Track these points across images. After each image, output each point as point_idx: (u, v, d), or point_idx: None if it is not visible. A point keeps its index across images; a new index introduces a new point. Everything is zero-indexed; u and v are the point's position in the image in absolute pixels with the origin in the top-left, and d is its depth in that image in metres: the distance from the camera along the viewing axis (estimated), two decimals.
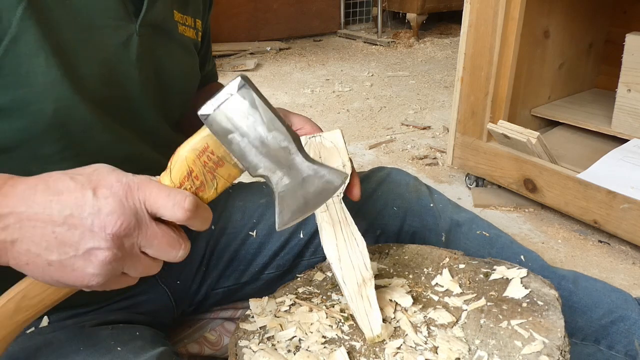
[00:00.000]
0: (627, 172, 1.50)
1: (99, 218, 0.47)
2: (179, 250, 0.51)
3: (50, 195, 0.48)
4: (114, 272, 0.49)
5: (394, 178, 0.96)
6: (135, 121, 0.72)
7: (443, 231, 0.91)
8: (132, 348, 0.67)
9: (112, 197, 0.48)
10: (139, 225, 0.49)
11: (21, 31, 0.58)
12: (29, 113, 0.60)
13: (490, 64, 1.68)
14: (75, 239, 0.47)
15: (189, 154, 0.51)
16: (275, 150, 0.51)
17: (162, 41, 0.75)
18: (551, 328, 0.60)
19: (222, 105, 0.49)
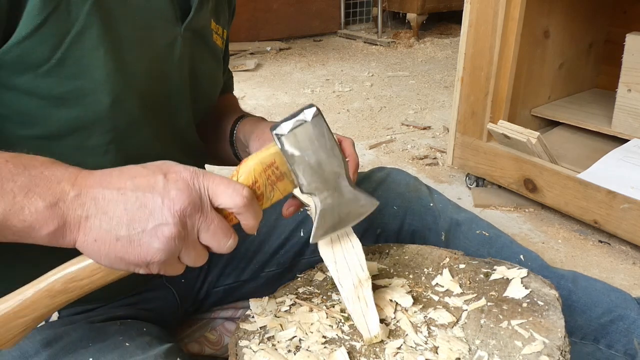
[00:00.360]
0: (627, 172, 1.50)
1: (168, 197, 0.51)
2: (229, 239, 0.55)
3: (124, 178, 0.53)
4: (175, 250, 0.52)
5: (394, 178, 0.96)
6: (171, 120, 0.75)
7: (443, 231, 0.91)
8: (140, 344, 0.68)
9: (181, 180, 0.53)
10: (201, 208, 0.53)
11: (87, 25, 0.61)
12: (86, 103, 0.63)
13: (490, 64, 1.68)
14: (145, 216, 0.51)
15: (257, 166, 0.57)
16: (328, 173, 0.58)
17: (198, 46, 0.78)
18: (551, 328, 0.60)
19: (296, 129, 0.56)
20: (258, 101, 2.92)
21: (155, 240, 0.51)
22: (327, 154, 0.57)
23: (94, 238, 0.51)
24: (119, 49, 0.64)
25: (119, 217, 0.51)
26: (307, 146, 0.56)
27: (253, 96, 3.00)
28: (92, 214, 0.51)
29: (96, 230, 0.51)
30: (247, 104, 2.85)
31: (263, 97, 2.99)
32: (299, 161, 0.56)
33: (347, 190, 0.60)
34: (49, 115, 0.62)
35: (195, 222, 0.53)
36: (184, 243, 0.52)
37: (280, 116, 2.67)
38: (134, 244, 0.51)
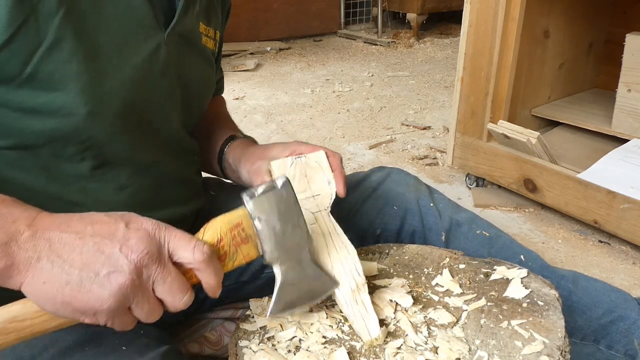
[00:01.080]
0: (627, 172, 1.50)
1: (127, 245, 0.51)
2: (185, 294, 0.54)
3: (84, 223, 0.52)
4: (125, 300, 0.51)
5: (394, 178, 0.96)
6: (157, 127, 0.74)
7: (443, 230, 0.91)
8: (137, 347, 0.67)
9: (142, 230, 0.52)
10: (159, 260, 0.52)
11: (58, 38, 0.60)
12: (60, 115, 0.62)
13: (490, 64, 1.68)
14: (100, 261, 0.50)
15: (225, 225, 0.57)
16: (291, 244, 0.59)
17: (186, 51, 0.77)
18: (551, 328, 0.60)
19: (266, 194, 0.58)
20: (258, 101, 2.92)
21: (106, 287, 0.49)
22: (293, 224, 0.59)
23: (43, 280, 0.50)
24: (95, 60, 0.63)
25: (72, 261, 0.50)
26: (274, 212, 0.58)
27: (253, 96, 3.00)
28: (44, 255, 0.50)
29: (47, 272, 0.50)
30: (247, 104, 2.86)
31: (263, 97, 2.99)
32: (264, 225, 0.57)
33: (310, 266, 0.61)
34: (23, 127, 0.62)
35: (152, 274, 0.51)
36: (137, 294, 0.51)
37: (280, 116, 2.68)
38: (84, 289, 0.49)
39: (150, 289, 0.52)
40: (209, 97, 0.89)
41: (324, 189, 0.74)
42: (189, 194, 0.83)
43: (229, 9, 0.94)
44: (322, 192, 0.74)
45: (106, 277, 0.50)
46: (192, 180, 0.85)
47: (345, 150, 2.27)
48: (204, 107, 0.88)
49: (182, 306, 0.54)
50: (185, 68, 0.77)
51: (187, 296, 0.54)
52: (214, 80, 0.90)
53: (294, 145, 0.80)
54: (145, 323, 0.76)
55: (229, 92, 3.03)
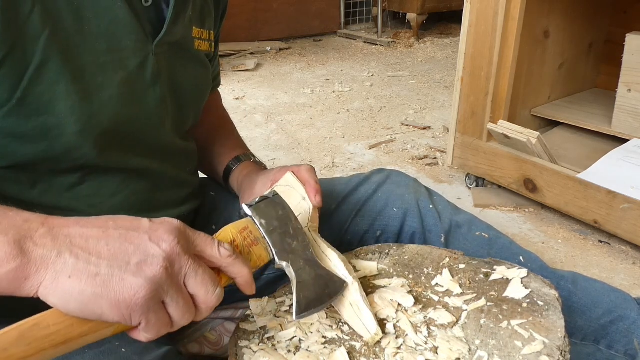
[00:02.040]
0: (627, 172, 1.50)
1: (156, 235, 0.48)
2: (217, 287, 0.52)
3: (104, 219, 0.49)
4: (161, 290, 0.47)
5: (394, 179, 0.96)
6: (149, 136, 0.74)
7: (443, 232, 0.91)
8: (136, 349, 0.67)
9: (169, 223, 0.50)
10: (188, 251, 0.50)
11: (44, 61, 0.59)
12: (52, 137, 0.62)
13: (490, 64, 1.68)
14: (130, 252, 0.47)
15: (233, 228, 0.60)
16: (296, 246, 0.62)
17: (177, 58, 0.76)
18: (551, 328, 0.60)
19: (261, 202, 0.63)
20: (258, 101, 2.92)
21: (140, 276, 0.45)
22: (292, 227, 0.62)
23: (68, 274, 0.44)
24: (82, 79, 0.62)
25: (99, 253, 0.46)
26: (273, 215, 0.61)
27: (253, 96, 3.00)
28: (65, 249, 0.45)
29: (71, 266, 0.45)
30: (247, 104, 2.85)
31: (263, 97, 2.99)
32: (268, 226, 0.60)
33: (318, 266, 0.63)
34: (16, 151, 0.61)
35: (184, 265, 0.48)
36: (172, 285, 0.47)
37: (280, 116, 2.68)
38: (115, 279, 0.45)
39: (182, 282, 0.49)
40: (205, 99, 0.89)
41: (301, 206, 0.75)
42: (185, 194, 0.83)
43: (225, 7, 0.94)
44: (301, 211, 0.74)
45: (139, 266, 0.46)
46: (187, 181, 0.85)
47: (345, 150, 2.27)
48: (200, 110, 0.88)
49: (214, 300, 0.51)
50: (177, 75, 0.76)
51: (219, 289, 0.52)
52: (209, 82, 0.90)
53: (273, 174, 0.80)
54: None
55: (229, 92, 3.03)
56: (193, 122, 0.86)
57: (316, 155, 2.23)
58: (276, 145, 2.33)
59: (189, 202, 0.84)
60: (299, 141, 2.37)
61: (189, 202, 0.84)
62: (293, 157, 2.20)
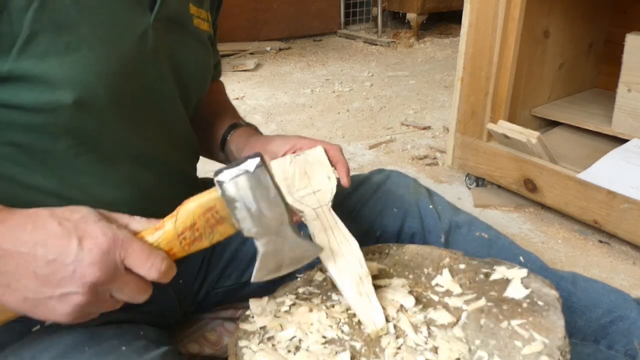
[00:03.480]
0: (627, 172, 1.50)
1: (81, 267, 0.51)
2: (144, 294, 0.56)
3: (37, 236, 0.52)
4: (84, 314, 0.54)
5: (394, 180, 0.96)
6: (153, 116, 0.73)
7: (442, 232, 0.91)
8: (136, 348, 0.67)
9: (96, 248, 0.52)
10: (114, 277, 0.53)
11: (33, 32, 0.59)
12: (47, 110, 0.61)
13: (490, 64, 1.68)
14: (55, 282, 0.51)
15: (197, 209, 0.57)
16: (269, 220, 0.58)
17: (177, 34, 0.75)
18: (551, 328, 0.60)
19: (238, 177, 0.56)
20: (258, 101, 2.92)
21: (63, 306, 0.52)
22: (269, 203, 0.58)
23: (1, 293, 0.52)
24: (77, 52, 0.62)
25: (28, 280, 0.51)
26: (247, 194, 0.57)
27: (253, 96, 3.00)
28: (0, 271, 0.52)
29: (2, 288, 0.52)
30: (247, 104, 2.85)
31: (263, 97, 2.99)
32: (239, 208, 0.57)
33: (291, 236, 0.61)
34: (11, 123, 0.61)
35: (108, 289, 0.54)
36: (95, 305, 0.54)
37: (280, 116, 2.67)
38: (41, 306, 0.52)
39: (108, 298, 0.54)
40: (208, 80, 0.88)
41: (324, 184, 0.75)
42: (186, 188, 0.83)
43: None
44: (323, 188, 0.74)
45: (63, 297, 0.52)
46: (189, 175, 0.85)
47: (345, 150, 2.27)
48: (203, 91, 0.86)
49: (142, 302, 0.56)
50: (178, 52, 0.75)
51: (146, 295, 0.56)
52: (211, 63, 0.88)
53: (294, 140, 0.80)
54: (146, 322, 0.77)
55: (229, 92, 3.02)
56: (196, 104, 0.84)
57: None
58: None
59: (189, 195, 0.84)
60: None
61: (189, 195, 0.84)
62: None
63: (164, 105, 0.74)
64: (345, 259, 0.66)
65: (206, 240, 0.59)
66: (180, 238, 0.57)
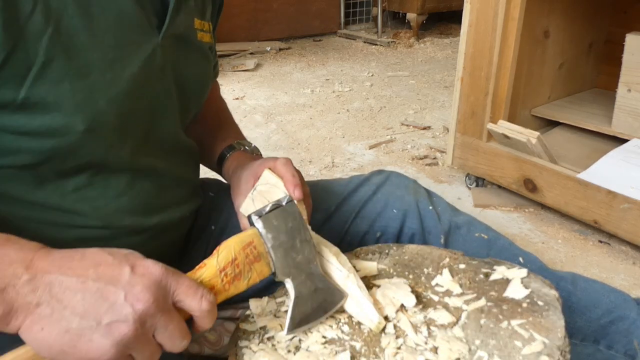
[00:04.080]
0: (627, 172, 1.50)
1: (132, 293, 0.49)
2: (185, 340, 0.53)
3: (87, 265, 0.50)
4: (126, 350, 0.49)
5: (393, 181, 0.96)
6: (156, 131, 0.73)
7: (442, 233, 0.91)
8: None
9: (149, 275, 0.50)
10: (163, 309, 0.50)
11: (49, 59, 0.58)
12: (57, 135, 0.61)
13: (490, 64, 1.68)
14: (103, 310, 0.48)
15: (237, 244, 0.59)
16: (301, 258, 0.62)
17: (182, 50, 0.75)
18: (551, 328, 0.60)
19: (272, 212, 0.61)
20: (258, 101, 2.92)
21: (108, 337, 0.48)
22: (300, 238, 0.61)
23: (41, 327, 0.48)
24: (88, 77, 0.61)
25: (74, 307, 0.48)
26: (282, 229, 0.61)
27: (253, 96, 3.00)
28: (44, 301, 0.48)
29: (45, 318, 0.47)
30: (247, 104, 2.86)
31: (263, 97, 2.99)
32: (274, 242, 0.60)
33: (320, 279, 0.63)
34: (21, 148, 0.61)
35: (155, 323, 0.50)
36: (139, 343, 0.49)
37: (280, 116, 2.68)
38: (84, 339, 0.47)
39: (151, 335, 0.51)
40: (207, 92, 0.88)
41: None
42: (187, 194, 0.83)
43: (222, 1, 0.93)
44: None
45: (108, 327, 0.48)
46: (190, 181, 0.85)
47: (345, 150, 2.27)
48: (202, 103, 0.87)
49: (180, 350, 0.53)
50: (181, 68, 0.76)
51: (186, 341, 0.53)
52: (211, 74, 0.89)
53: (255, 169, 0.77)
54: None
55: (229, 92, 3.03)
56: (194, 116, 0.85)
57: (316, 155, 2.23)
58: (276, 145, 2.33)
59: (191, 202, 0.84)
60: (299, 141, 2.37)
61: (191, 202, 0.84)
62: (293, 157, 2.20)
63: (166, 120, 0.75)
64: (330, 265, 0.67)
65: (244, 280, 0.59)
66: (222, 275, 0.58)
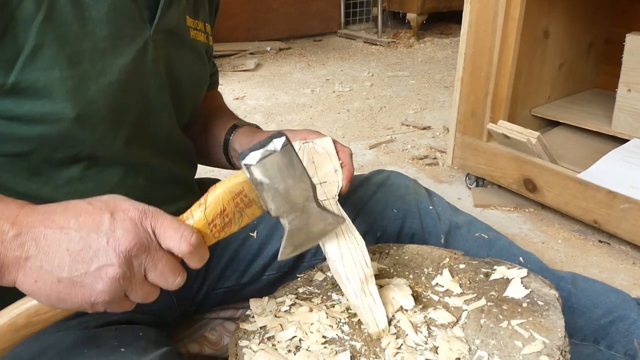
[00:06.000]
0: (627, 172, 1.50)
1: (114, 237, 0.50)
2: (177, 276, 0.54)
3: (68, 216, 0.51)
4: (119, 291, 0.51)
5: (394, 181, 0.96)
6: (150, 126, 0.74)
7: (442, 233, 0.91)
8: (135, 349, 0.67)
9: (129, 220, 0.51)
10: (148, 248, 0.51)
11: (38, 44, 0.59)
12: (48, 122, 0.62)
13: (490, 64, 1.68)
14: (89, 257, 0.50)
15: (226, 195, 0.57)
16: (295, 198, 0.59)
17: (174, 46, 0.76)
18: (551, 328, 0.60)
19: (265, 159, 0.56)
20: (258, 101, 2.92)
21: (98, 282, 0.50)
22: (295, 180, 0.58)
23: (34, 279, 0.50)
24: (80, 64, 0.62)
25: (61, 258, 0.50)
26: (276, 175, 0.57)
27: (253, 96, 3.00)
28: (32, 254, 0.50)
29: (36, 271, 0.50)
30: (247, 104, 2.85)
31: (263, 97, 2.99)
32: (267, 189, 0.57)
33: (315, 210, 0.61)
34: (12, 134, 0.62)
35: (142, 262, 0.51)
36: (130, 283, 0.51)
37: (280, 116, 2.67)
38: (77, 286, 0.50)
39: (142, 276, 0.52)
40: (202, 91, 0.88)
41: (331, 176, 0.73)
42: (182, 191, 0.83)
43: (218, 4, 0.94)
44: (329, 180, 0.73)
45: (97, 272, 0.50)
46: (185, 179, 0.85)
47: None
48: (198, 102, 0.87)
49: (175, 287, 0.54)
50: (174, 64, 0.76)
51: (179, 278, 0.54)
52: (206, 74, 0.89)
53: (304, 133, 0.80)
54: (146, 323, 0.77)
55: (229, 92, 3.03)
56: (190, 116, 0.85)
57: None
58: None
59: (185, 199, 0.84)
60: None
61: (185, 199, 0.84)
62: None
63: (159, 115, 0.75)
64: (351, 256, 0.65)
65: (235, 225, 0.58)
66: (210, 226, 0.57)
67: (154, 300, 0.54)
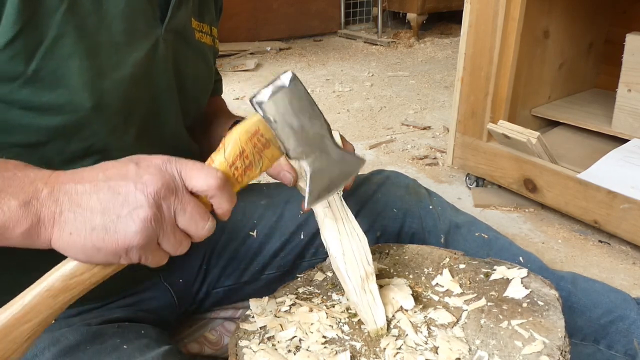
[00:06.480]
0: (627, 172, 1.50)
1: (141, 182, 0.51)
2: (207, 221, 0.54)
3: (95, 171, 0.53)
4: (152, 234, 0.51)
5: (394, 180, 0.97)
6: (158, 123, 0.75)
7: (442, 233, 0.91)
8: (138, 346, 0.67)
9: (153, 166, 0.52)
10: (176, 191, 0.52)
11: (60, 35, 0.61)
12: (65, 112, 0.63)
13: (490, 64, 1.68)
14: (119, 203, 0.51)
15: (243, 135, 0.56)
16: (312, 135, 0.58)
17: (181, 47, 0.77)
18: (551, 328, 0.60)
19: (276, 95, 0.56)
20: None
21: (131, 225, 0.50)
22: (309, 116, 0.58)
23: (69, 231, 0.51)
24: (97, 56, 0.64)
25: (93, 207, 0.51)
26: (288, 110, 0.56)
27: None
28: (65, 208, 0.51)
29: (71, 223, 0.51)
30: (247, 104, 2.85)
31: None
32: (282, 126, 0.56)
33: (334, 151, 0.60)
34: (29, 124, 0.62)
35: (171, 205, 0.52)
36: (161, 227, 0.52)
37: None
38: (110, 232, 0.51)
39: (172, 221, 0.52)
40: (207, 93, 0.89)
41: None
42: None
43: (221, 6, 0.94)
44: None
45: (129, 216, 0.50)
46: None
47: None
48: (203, 104, 0.88)
49: (205, 233, 0.54)
50: (181, 64, 0.77)
51: (209, 223, 0.54)
52: (211, 76, 0.90)
53: None
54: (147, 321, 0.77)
55: (229, 92, 3.03)
56: (195, 116, 0.86)
57: None
58: None
59: None
60: None
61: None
62: None
63: (167, 113, 0.76)
64: (353, 253, 0.65)
65: (256, 169, 0.57)
66: (232, 169, 0.56)
67: (184, 251, 0.54)
